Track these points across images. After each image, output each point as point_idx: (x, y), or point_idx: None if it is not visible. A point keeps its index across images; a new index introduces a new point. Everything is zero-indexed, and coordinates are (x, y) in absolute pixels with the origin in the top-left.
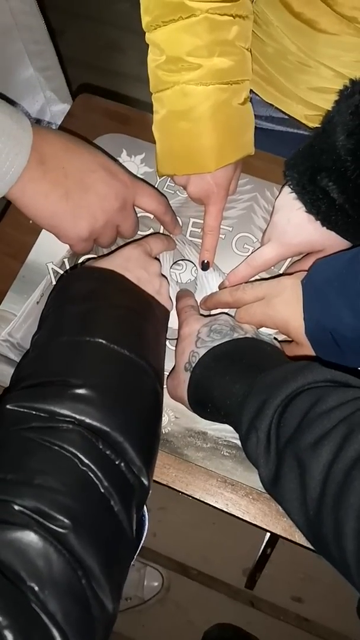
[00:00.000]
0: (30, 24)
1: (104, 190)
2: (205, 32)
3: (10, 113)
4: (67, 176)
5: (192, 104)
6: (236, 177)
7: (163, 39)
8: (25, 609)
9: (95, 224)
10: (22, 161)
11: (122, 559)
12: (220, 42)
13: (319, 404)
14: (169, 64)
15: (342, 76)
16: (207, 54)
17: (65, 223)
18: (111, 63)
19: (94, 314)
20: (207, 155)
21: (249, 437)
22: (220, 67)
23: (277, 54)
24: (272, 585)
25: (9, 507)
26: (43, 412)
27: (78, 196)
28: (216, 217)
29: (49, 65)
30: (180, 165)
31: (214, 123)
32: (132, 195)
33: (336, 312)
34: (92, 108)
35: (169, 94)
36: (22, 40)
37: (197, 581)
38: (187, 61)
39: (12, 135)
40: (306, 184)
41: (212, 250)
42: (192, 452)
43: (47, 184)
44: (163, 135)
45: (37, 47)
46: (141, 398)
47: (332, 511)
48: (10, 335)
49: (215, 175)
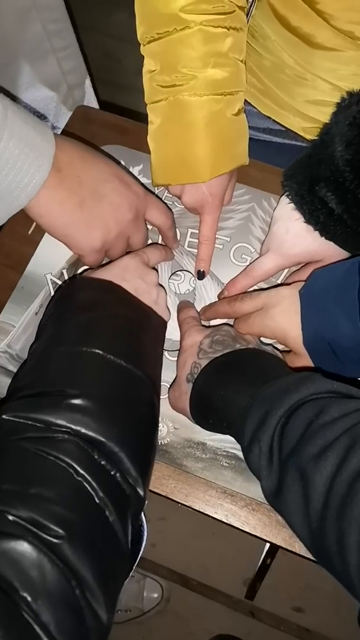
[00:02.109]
0: (48, 2)
1: (118, 201)
2: (199, 44)
3: (34, 124)
4: (82, 185)
5: (186, 115)
6: (231, 186)
7: (158, 51)
8: (18, 619)
9: (108, 234)
10: (44, 174)
11: (117, 570)
12: (214, 54)
13: (322, 415)
14: (163, 75)
15: (339, 89)
16: (201, 65)
17: (79, 233)
18: (107, 73)
19: (92, 325)
20: (201, 165)
21: (252, 448)
22: (214, 78)
23: (275, 67)
24: (273, 595)
25: (3, 517)
26: (39, 422)
27: (92, 205)
28: (211, 227)
29: (67, 44)
30: (175, 175)
31: (208, 133)
32: (144, 207)
33: (334, 322)
34: (90, 120)
35: (163, 104)
36: (40, 21)
37: (197, 592)
38: (181, 72)
39: (35, 146)
40: (305, 194)
41: (207, 260)
42: (192, 462)
43: (63, 191)
44: (158, 146)
45: (56, 26)
46: (137, 408)
47: (336, 523)
48: (9, 347)
49: (210, 185)
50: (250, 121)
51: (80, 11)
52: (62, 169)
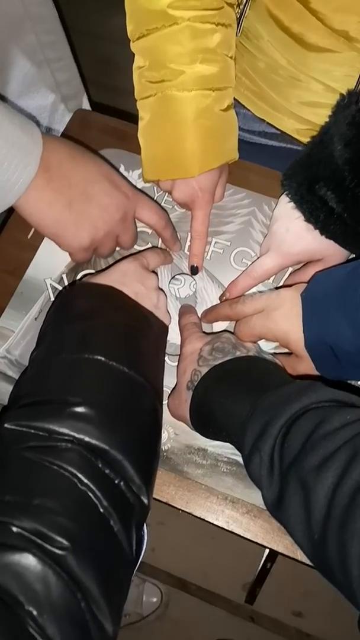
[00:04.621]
0: (42, 13)
1: (106, 201)
2: (187, 40)
3: (21, 124)
4: (71, 186)
5: (175, 110)
6: (222, 183)
7: (146, 47)
8: (23, 634)
9: (96, 234)
10: (31, 173)
11: (122, 580)
12: (203, 50)
13: (323, 425)
14: (152, 71)
15: (333, 90)
16: (189, 61)
17: (67, 232)
18: (105, 77)
19: (93, 331)
20: (190, 160)
21: (252, 458)
22: (202, 74)
23: (269, 69)
24: (273, 600)
25: (7, 528)
26: (42, 430)
27: (81, 206)
28: (203, 222)
29: (61, 56)
30: (164, 170)
31: (196, 128)
32: (132, 207)
33: (336, 325)
34: (89, 124)
35: (152, 100)
36: (34, 32)
37: (196, 597)
38: (169, 68)
39: (22, 147)
40: (304, 193)
41: (200, 255)
42: (192, 469)
43: (51, 192)
44: (147, 141)
45: (49, 38)
46: (140, 415)
47: (338, 535)
48: (9, 352)
49: (199, 180)
50: (246, 124)
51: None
52: (51, 169)
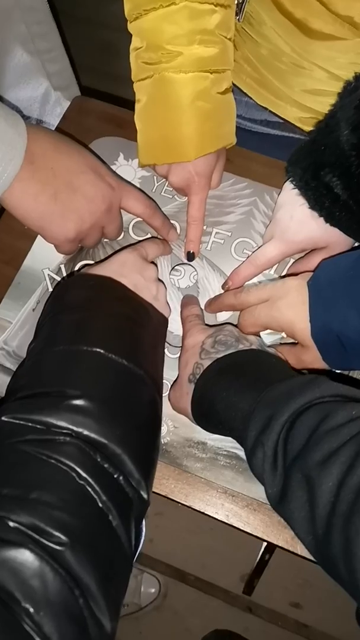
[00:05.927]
0: (32, 4)
1: (92, 193)
2: (184, 20)
3: (5, 116)
4: (56, 177)
5: (171, 92)
6: (219, 168)
7: (143, 28)
8: (19, 631)
9: (82, 225)
10: (16, 167)
11: (120, 576)
12: (200, 31)
13: (327, 420)
14: (149, 52)
15: (336, 78)
16: (186, 42)
17: (53, 224)
18: (106, 65)
19: (91, 323)
20: (187, 144)
21: (255, 453)
22: (200, 56)
23: (271, 55)
24: (270, 591)
25: (4, 523)
26: (39, 423)
27: (66, 197)
28: (199, 208)
29: (52, 46)
30: (160, 154)
31: (193, 111)
32: (118, 197)
33: (342, 314)
34: (88, 111)
35: (148, 82)
36: (24, 22)
37: (194, 587)
38: (167, 49)
39: (6, 140)
40: (309, 179)
41: (197, 241)
42: (192, 462)
43: (36, 184)
44: (143, 124)
45: (40, 28)
46: (140, 408)
47: (342, 531)
48: (6, 344)
49: (196, 164)
50: (248, 113)
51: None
52: (35, 160)
